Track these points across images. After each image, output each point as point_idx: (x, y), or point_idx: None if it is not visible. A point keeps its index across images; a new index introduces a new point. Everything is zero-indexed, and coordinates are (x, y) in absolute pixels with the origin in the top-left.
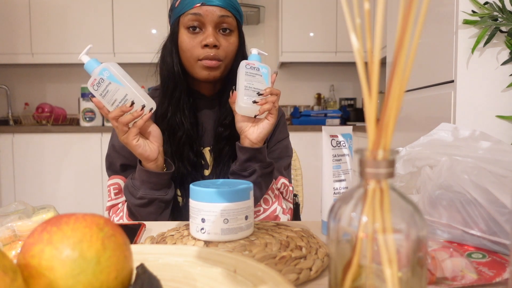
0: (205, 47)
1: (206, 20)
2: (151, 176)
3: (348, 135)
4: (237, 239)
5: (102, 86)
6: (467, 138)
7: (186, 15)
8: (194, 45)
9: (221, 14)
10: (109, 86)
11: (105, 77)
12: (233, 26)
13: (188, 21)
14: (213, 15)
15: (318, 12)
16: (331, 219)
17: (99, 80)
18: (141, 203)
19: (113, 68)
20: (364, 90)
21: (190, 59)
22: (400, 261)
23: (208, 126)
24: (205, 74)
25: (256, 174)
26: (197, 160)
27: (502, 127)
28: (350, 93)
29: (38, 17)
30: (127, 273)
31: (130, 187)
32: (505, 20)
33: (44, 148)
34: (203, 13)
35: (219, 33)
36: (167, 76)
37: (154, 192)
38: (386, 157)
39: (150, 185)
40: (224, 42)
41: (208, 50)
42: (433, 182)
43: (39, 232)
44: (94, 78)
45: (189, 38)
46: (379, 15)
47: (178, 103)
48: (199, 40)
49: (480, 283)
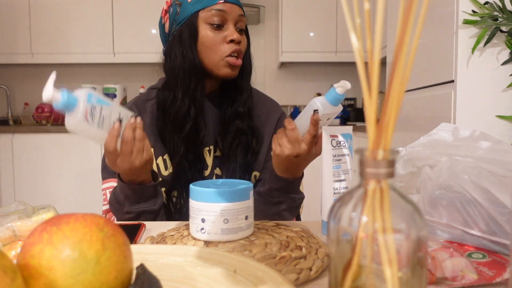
0: (230, 43)
1: (229, 16)
2: (135, 190)
3: (348, 135)
4: (237, 239)
5: (96, 114)
6: (467, 138)
7: (208, 10)
8: (218, 40)
9: (240, 12)
10: (103, 111)
11: (94, 102)
12: (245, 26)
13: (212, 17)
14: (234, 13)
15: (318, 12)
16: (331, 219)
17: (91, 109)
18: (129, 218)
19: (90, 90)
20: (364, 90)
21: (214, 55)
22: (400, 261)
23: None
24: (228, 71)
25: (284, 206)
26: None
27: (502, 127)
28: (350, 93)
29: (38, 17)
30: (127, 273)
31: (114, 203)
32: (505, 20)
33: (44, 148)
34: (227, 9)
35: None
36: (188, 71)
37: (140, 205)
38: (386, 157)
39: (135, 198)
40: (242, 39)
41: (235, 46)
42: (433, 182)
43: (39, 232)
44: (84, 108)
45: (213, 33)
46: (379, 15)
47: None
48: (223, 36)
49: (480, 283)
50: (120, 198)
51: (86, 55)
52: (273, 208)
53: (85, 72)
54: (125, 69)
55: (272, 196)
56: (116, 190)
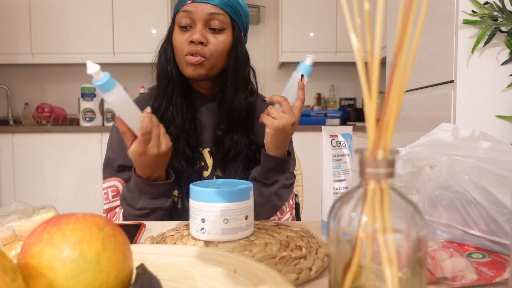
0: (191, 44)
1: (195, 17)
2: (153, 187)
3: (348, 135)
4: (237, 239)
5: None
6: (467, 138)
7: (179, 12)
8: (183, 41)
9: (211, 11)
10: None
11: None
12: (225, 24)
13: (180, 19)
14: (202, 12)
15: (318, 12)
16: (331, 219)
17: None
18: (141, 214)
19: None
20: (364, 90)
21: (180, 55)
22: (400, 261)
23: (207, 126)
24: (189, 70)
25: (279, 184)
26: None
27: (502, 127)
28: (350, 93)
29: (38, 17)
30: (127, 273)
31: (128, 198)
32: (505, 20)
33: (44, 148)
34: (193, 10)
35: (208, 30)
36: (161, 73)
37: (155, 202)
38: (386, 157)
39: (151, 195)
40: (213, 40)
41: (193, 47)
42: (433, 182)
43: (39, 232)
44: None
45: (180, 35)
46: (379, 15)
47: (171, 98)
48: (188, 37)
49: (480, 283)
50: (135, 194)
51: (86, 55)
52: (270, 188)
53: (85, 72)
54: (125, 69)
55: (268, 178)
56: (130, 186)
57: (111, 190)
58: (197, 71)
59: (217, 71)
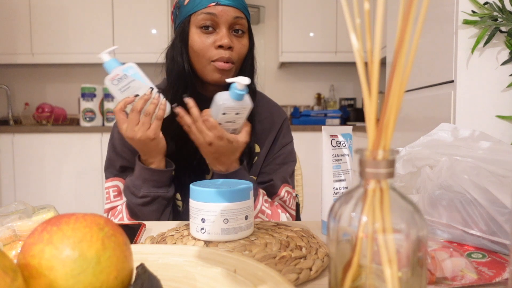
0: (219, 48)
1: (220, 20)
2: (154, 174)
3: (348, 135)
4: (237, 239)
5: (124, 82)
6: (467, 138)
7: (199, 14)
8: (207, 45)
9: (235, 15)
10: (132, 83)
11: (129, 74)
12: (245, 27)
13: (201, 20)
14: (227, 16)
15: (318, 12)
16: (331, 219)
17: (122, 76)
18: (143, 202)
19: (137, 67)
20: (364, 90)
21: (202, 60)
22: (400, 261)
23: None
24: (217, 76)
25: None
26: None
27: (502, 127)
28: (350, 93)
29: (38, 17)
30: (127, 273)
31: (131, 187)
32: (505, 20)
33: (44, 148)
34: (218, 13)
35: (232, 34)
36: (176, 76)
37: (157, 190)
38: (386, 157)
39: (153, 183)
40: (237, 44)
41: (223, 52)
42: (433, 182)
43: (39, 232)
44: (116, 73)
45: (202, 38)
46: (379, 15)
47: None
48: (212, 41)
49: (480, 283)
50: (138, 182)
51: (86, 55)
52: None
53: (85, 72)
54: None
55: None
56: (134, 175)
57: (112, 190)
58: (225, 77)
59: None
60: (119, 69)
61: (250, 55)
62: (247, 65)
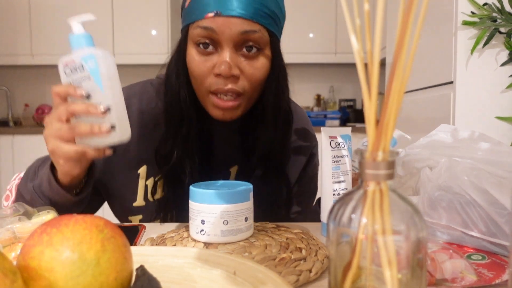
0: (218, 76)
1: (221, 37)
2: (52, 189)
3: (347, 136)
4: (237, 240)
5: (76, 75)
6: (467, 139)
7: (195, 26)
8: (204, 70)
9: (244, 29)
10: (85, 82)
11: (87, 66)
12: (264, 42)
13: (197, 37)
14: (231, 32)
15: (318, 13)
16: (331, 221)
17: (77, 65)
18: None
19: (104, 62)
20: (364, 91)
21: (201, 88)
22: (400, 263)
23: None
24: (218, 114)
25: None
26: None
27: (501, 128)
28: (349, 94)
29: (38, 18)
30: (126, 275)
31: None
32: (504, 21)
33: (44, 150)
34: (217, 28)
35: (241, 53)
36: (170, 104)
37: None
38: (385, 159)
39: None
40: (248, 69)
41: (222, 82)
42: (433, 183)
43: (39, 234)
44: (73, 59)
45: (199, 59)
46: (379, 16)
47: (185, 144)
48: (211, 65)
49: (479, 284)
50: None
51: None
52: None
53: None
54: (125, 70)
55: None
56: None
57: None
58: (228, 115)
59: (254, 102)
60: (80, 53)
61: (274, 76)
62: (270, 91)
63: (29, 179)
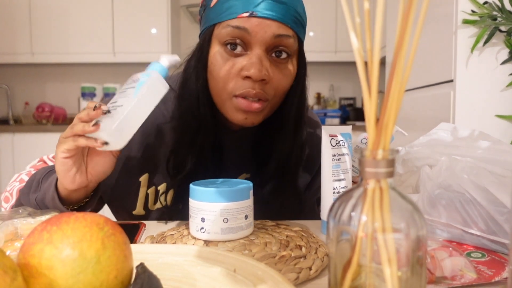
0: (246, 79)
1: (254, 38)
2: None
3: (347, 135)
4: (237, 238)
5: (128, 85)
6: (467, 138)
7: (224, 25)
8: (231, 73)
9: (278, 32)
10: (129, 90)
11: (139, 80)
12: (293, 49)
13: (227, 36)
14: (265, 33)
15: (318, 12)
16: (331, 219)
17: (136, 78)
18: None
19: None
20: (364, 89)
21: (223, 93)
22: (400, 261)
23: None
24: (240, 118)
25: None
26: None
27: (501, 126)
28: (349, 93)
29: (38, 16)
30: (127, 273)
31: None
32: (504, 20)
33: (45, 148)
34: (251, 28)
35: (271, 58)
36: (186, 110)
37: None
38: (385, 157)
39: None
40: (277, 75)
41: (250, 84)
42: (433, 181)
43: (39, 231)
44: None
45: (225, 60)
46: (379, 14)
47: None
48: (239, 67)
49: (479, 282)
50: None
51: (86, 55)
52: None
53: (85, 72)
54: (125, 69)
55: None
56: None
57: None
58: (250, 120)
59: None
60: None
61: (298, 87)
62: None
63: (32, 190)
